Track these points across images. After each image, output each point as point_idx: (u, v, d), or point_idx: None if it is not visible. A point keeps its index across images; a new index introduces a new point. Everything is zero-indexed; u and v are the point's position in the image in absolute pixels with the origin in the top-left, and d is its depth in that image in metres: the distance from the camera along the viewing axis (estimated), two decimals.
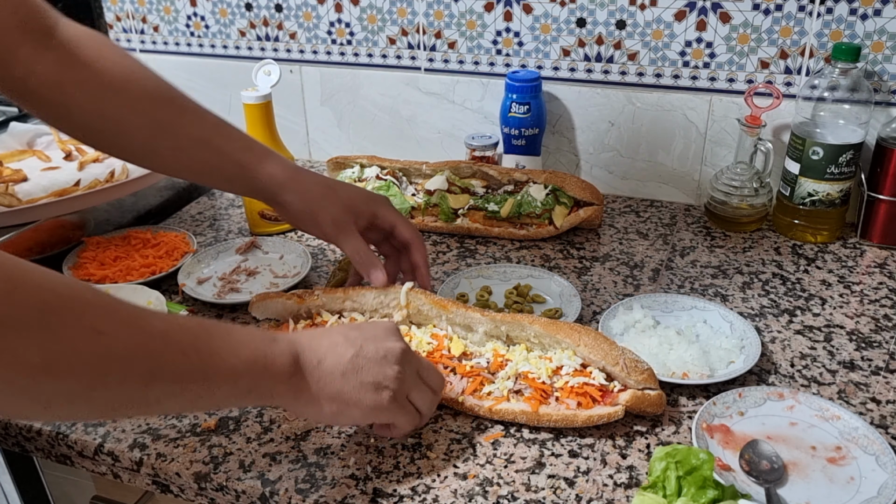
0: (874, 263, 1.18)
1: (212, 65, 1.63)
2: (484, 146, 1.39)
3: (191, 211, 1.42)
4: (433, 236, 1.29)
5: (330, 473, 0.80)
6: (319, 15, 1.50)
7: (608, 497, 0.77)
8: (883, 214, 1.21)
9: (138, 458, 0.83)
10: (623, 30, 1.32)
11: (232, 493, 0.80)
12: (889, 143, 1.18)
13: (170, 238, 1.25)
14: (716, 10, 1.26)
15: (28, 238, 1.17)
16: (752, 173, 1.26)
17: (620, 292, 1.11)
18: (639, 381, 0.83)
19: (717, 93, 1.31)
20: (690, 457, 0.71)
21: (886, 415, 0.86)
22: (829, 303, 1.08)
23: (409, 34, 1.46)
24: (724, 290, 1.11)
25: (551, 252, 1.23)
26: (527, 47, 1.39)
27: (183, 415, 0.89)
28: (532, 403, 0.84)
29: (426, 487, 0.78)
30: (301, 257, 1.20)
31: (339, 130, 1.60)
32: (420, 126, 1.52)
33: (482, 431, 0.86)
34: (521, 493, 0.77)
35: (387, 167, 1.36)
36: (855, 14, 1.19)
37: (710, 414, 0.84)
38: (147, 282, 1.13)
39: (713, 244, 1.25)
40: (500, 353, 0.90)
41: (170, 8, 1.61)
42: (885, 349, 0.98)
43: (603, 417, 0.83)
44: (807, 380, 0.93)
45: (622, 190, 1.44)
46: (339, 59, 1.53)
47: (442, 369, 0.89)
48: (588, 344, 0.85)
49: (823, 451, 0.81)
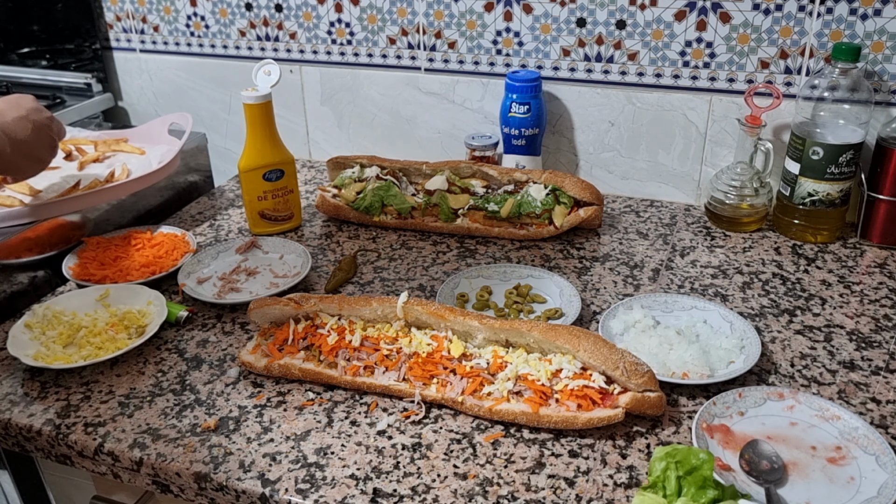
0: (874, 263, 1.18)
1: (212, 65, 1.63)
2: (484, 146, 1.39)
3: (191, 211, 1.42)
4: (433, 236, 1.29)
5: (330, 473, 0.80)
6: (319, 15, 1.50)
7: (608, 497, 0.77)
8: (883, 214, 1.21)
9: (138, 458, 0.83)
10: (623, 30, 1.32)
11: (232, 493, 0.80)
12: (889, 143, 1.18)
13: (170, 238, 1.25)
14: (716, 10, 1.26)
15: (28, 238, 1.17)
16: (752, 173, 1.26)
17: (620, 292, 1.11)
18: (639, 384, 0.83)
19: (717, 93, 1.31)
20: (690, 457, 0.71)
21: (886, 415, 0.86)
22: (829, 303, 1.08)
23: (409, 34, 1.46)
24: (724, 290, 1.11)
25: (551, 252, 1.23)
26: (527, 47, 1.39)
27: (183, 415, 0.89)
28: (532, 405, 0.84)
29: (426, 487, 0.78)
30: (301, 257, 1.20)
31: (339, 130, 1.60)
32: (420, 126, 1.52)
33: (482, 431, 0.86)
34: (521, 493, 0.77)
35: (387, 167, 1.36)
36: (855, 14, 1.19)
37: (710, 414, 0.84)
38: (147, 282, 1.13)
39: (713, 244, 1.25)
40: (500, 355, 0.90)
41: (170, 8, 1.61)
42: (885, 349, 0.98)
43: (603, 420, 0.83)
44: (807, 380, 0.93)
45: (622, 190, 1.44)
46: (339, 59, 1.53)
47: (442, 370, 0.89)
48: (587, 349, 0.85)
49: (823, 451, 0.81)
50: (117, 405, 0.91)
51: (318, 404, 0.90)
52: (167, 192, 1.43)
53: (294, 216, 1.32)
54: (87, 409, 0.90)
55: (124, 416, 0.89)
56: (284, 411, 0.89)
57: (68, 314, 1.06)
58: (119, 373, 0.97)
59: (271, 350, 0.95)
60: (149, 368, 0.97)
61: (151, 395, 0.92)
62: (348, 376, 0.91)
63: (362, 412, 0.89)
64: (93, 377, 0.96)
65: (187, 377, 0.96)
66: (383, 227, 1.33)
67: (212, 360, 0.99)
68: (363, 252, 1.25)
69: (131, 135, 1.47)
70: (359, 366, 0.91)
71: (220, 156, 1.71)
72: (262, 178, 1.26)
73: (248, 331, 1.05)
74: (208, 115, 1.69)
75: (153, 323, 1.02)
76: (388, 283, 1.16)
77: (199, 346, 1.02)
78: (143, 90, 1.73)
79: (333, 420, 0.88)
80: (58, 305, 1.06)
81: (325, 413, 0.89)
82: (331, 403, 0.90)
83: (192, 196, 1.49)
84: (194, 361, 0.99)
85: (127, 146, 1.44)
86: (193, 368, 0.97)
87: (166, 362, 0.99)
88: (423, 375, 0.89)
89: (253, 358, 0.95)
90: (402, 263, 1.21)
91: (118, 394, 0.93)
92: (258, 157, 1.25)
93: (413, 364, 0.90)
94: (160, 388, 0.94)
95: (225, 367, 0.97)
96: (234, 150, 1.70)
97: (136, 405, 0.91)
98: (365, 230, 1.33)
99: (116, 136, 1.46)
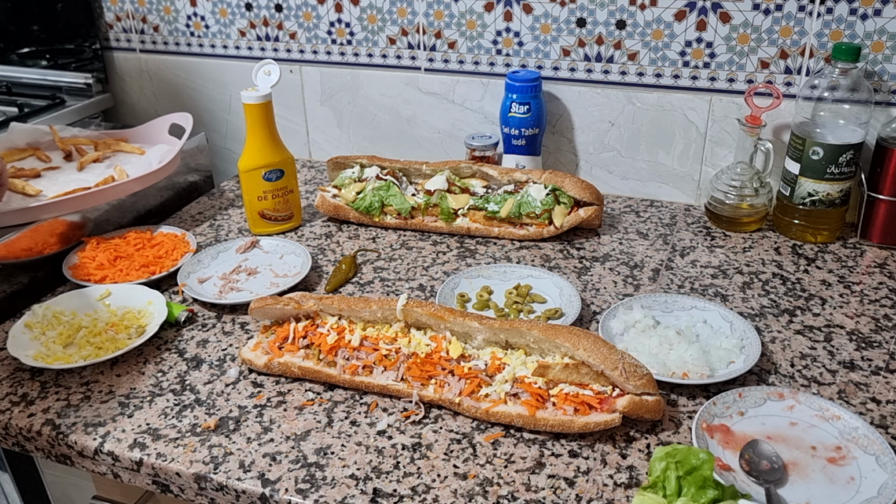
0: (874, 263, 1.18)
1: (212, 65, 1.63)
2: (484, 146, 1.39)
3: (191, 211, 1.42)
4: (433, 236, 1.29)
5: (330, 473, 0.80)
6: (319, 15, 1.50)
7: (608, 497, 0.77)
8: (883, 214, 1.21)
9: (138, 458, 0.83)
10: (623, 30, 1.32)
11: (232, 493, 0.80)
12: (889, 142, 1.18)
13: (170, 238, 1.25)
14: (716, 10, 1.26)
15: (28, 238, 1.17)
16: (752, 173, 1.26)
17: (620, 292, 1.11)
18: (637, 385, 0.83)
19: (717, 93, 1.31)
20: (690, 457, 0.71)
21: (886, 415, 0.86)
22: (829, 303, 1.08)
23: (409, 34, 1.46)
24: (724, 290, 1.11)
25: (551, 252, 1.23)
26: (527, 47, 1.39)
27: (183, 415, 0.89)
28: (529, 408, 0.84)
29: (426, 487, 0.78)
30: (301, 257, 1.20)
31: (339, 130, 1.60)
32: (420, 126, 1.52)
33: (482, 431, 0.86)
34: (521, 493, 0.77)
35: (387, 167, 1.36)
36: (855, 14, 1.19)
37: (710, 414, 0.84)
38: (147, 282, 1.13)
39: (713, 244, 1.25)
40: (498, 357, 0.90)
41: (170, 8, 1.61)
42: (885, 349, 0.98)
43: (599, 425, 0.83)
44: (807, 380, 0.93)
45: (622, 190, 1.44)
46: (339, 59, 1.53)
47: (440, 371, 0.89)
48: (587, 348, 0.85)
49: (823, 451, 0.81)
50: (117, 405, 0.91)
51: (318, 404, 0.90)
52: (167, 192, 1.43)
53: (294, 216, 1.32)
54: (87, 409, 0.90)
55: (124, 416, 0.89)
56: (284, 411, 0.89)
57: (68, 314, 1.06)
58: (119, 373, 0.97)
59: (272, 348, 0.95)
60: (149, 368, 0.97)
61: (151, 395, 0.92)
62: (347, 375, 0.91)
63: (362, 412, 0.89)
64: (93, 377, 0.96)
65: (187, 377, 0.96)
66: (383, 227, 1.33)
67: (212, 360, 0.99)
68: (363, 252, 1.25)
69: (131, 135, 1.47)
70: (357, 365, 0.91)
71: (220, 156, 1.71)
72: (262, 178, 1.26)
73: (248, 331, 1.05)
74: (208, 115, 1.69)
75: (153, 323, 1.02)
76: (388, 283, 1.16)
77: (199, 346, 1.02)
78: (143, 90, 1.73)
79: (333, 420, 0.88)
80: (58, 305, 1.06)
81: (325, 413, 0.89)
82: (331, 403, 0.91)
83: (192, 196, 1.49)
84: (194, 361, 0.99)
85: (127, 146, 1.44)
86: (193, 368, 0.97)
87: (166, 362, 0.99)
88: (421, 376, 0.89)
89: (254, 356, 0.95)
90: (402, 263, 1.21)
91: (118, 394, 0.93)
92: (258, 157, 1.25)
93: (411, 364, 0.90)
94: (160, 388, 0.94)
95: (225, 367, 0.97)
96: (234, 150, 1.70)
97: (136, 405, 0.91)
98: (365, 230, 1.33)
99: (116, 136, 1.46)
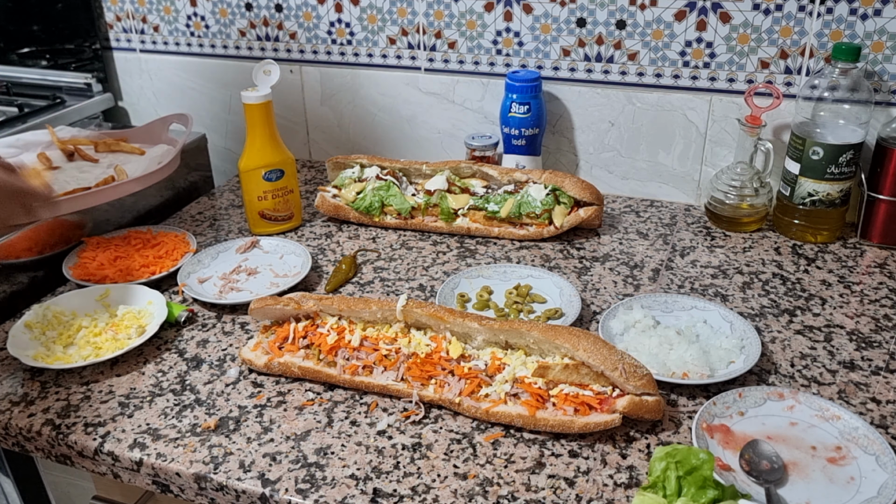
0: (874, 263, 1.18)
1: (212, 65, 1.63)
2: (484, 146, 1.39)
3: (191, 211, 1.42)
4: (433, 236, 1.29)
5: (330, 473, 0.80)
6: (319, 15, 1.50)
7: (608, 497, 0.77)
8: (883, 214, 1.21)
9: (138, 458, 0.83)
10: (623, 30, 1.32)
11: (232, 493, 0.80)
12: (889, 143, 1.18)
13: (170, 238, 1.25)
14: (716, 10, 1.26)
15: (28, 238, 1.17)
16: (752, 173, 1.26)
17: (620, 292, 1.11)
18: (637, 386, 0.83)
19: (717, 93, 1.31)
20: (690, 457, 0.71)
21: (886, 415, 0.86)
22: (830, 303, 1.08)
23: (409, 34, 1.45)
24: (724, 290, 1.11)
25: (551, 252, 1.23)
26: (527, 47, 1.39)
27: (183, 415, 0.89)
28: (529, 408, 0.84)
29: (426, 487, 0.78)
30: (301, 257, 1.20)
31: (339, 130, 1.60)
32: (420, 126, 1.52)
33: (482, 431, 0.86)
34: (521, 493, 0.77)
35: (387, 167, 1.36)
36: (855, 14, 1.19)
37: (710, 414, 0.84)
38: (147, 282, 1.13)
39: (713, 244, 1.25)
40: (498, 357, 0.90)
41: (170, 8, 1.61)
42: (885, 349, 0.98)
43: (599, 425, 0.83)
44: (807, 380, 0.93)
45: (622, 190, 1.44)
46: (339, 59, 1.53)
47: (440, 371, 0.89)
48: (587, 348, 0.85)
49: (823, 451, 0.81)
50: (117, 405, 0.91)
51: (318, 404, 0.90)
52: (167, 192, 1.43)
53: (294, 216, 1.32)
54: (87, 409, 0.90)
55: (124, 416, 0.89)
56: (284, 411, 0.89)
57: (68, 314, 1.06)
58: (119, 373, 0.97)
59: (272, 348, 0.95)
60: (149, 368, 0.97)
61: (151, 395, 0.92)
62: (347, 375, 0.91)
63: (362, 412, 0.89)
64: (93, 377, 0.96)
65: (187, 377, 0.96)
66: (383, 227, 1.33)
67: (212, 360, 0.99)
68: (363, 252, 1.25)
69: (131, 135, 1.47)
70: (357, 365, 0.91)
71: (220, 156, 1.71)
72: (262, 178, 1.26)
73: (248, 331, 1.05)
74: (208, 115, 1.69)
75: (153, 323, 1.02)
76: (388, 283, 1.16)
77: (199, 346, 1.02)
78: (143, 90, 1.73)
79: (333, 420, 0.88)
80: (58, 305, 1.06)
81: (325, 413, 0.89)
82: (331, 403, 0.91)
83: (192, 196, 1.49)
84: (194, 361, 0.99)
85: (127, 146, 1.43)
86: (193, 368, 0.97)
87: (166, 362, 0.99)
88: (421, 376, 0.89)
89: (254, 355, 0.95)
90: (402, 263, 1.21)
91: (118, 394, 0.93)
92: (258, 157, 1.25)
93: (411, 364, 0.90)
94: (160, 388, 0.94)
95: (225, 367, 0.97)
96: (234, 150, 1.70)
97: (136, 405, 0.91)
98: (365, 230, 1.33)
99: (116, 136, 1.46)
